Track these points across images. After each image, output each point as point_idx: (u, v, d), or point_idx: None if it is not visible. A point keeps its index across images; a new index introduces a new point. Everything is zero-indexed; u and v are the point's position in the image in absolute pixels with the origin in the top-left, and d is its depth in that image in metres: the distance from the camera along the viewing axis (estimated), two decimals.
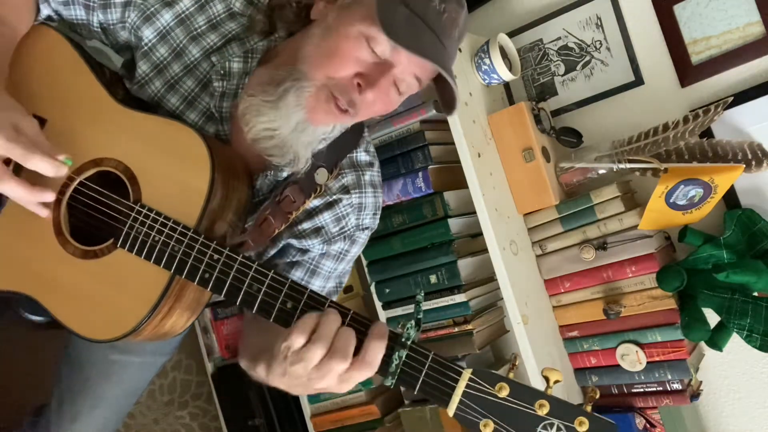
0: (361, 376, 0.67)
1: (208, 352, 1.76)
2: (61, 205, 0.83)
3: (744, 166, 1.13)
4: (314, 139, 0.86)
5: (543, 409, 0.60)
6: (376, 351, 0.66)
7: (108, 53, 1.04)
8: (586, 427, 0.59)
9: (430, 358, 0.66)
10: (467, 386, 0.63)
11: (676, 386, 1.19)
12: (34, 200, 0.77)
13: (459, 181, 1.21)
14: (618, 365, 1.22)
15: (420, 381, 0.65)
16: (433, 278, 1.28)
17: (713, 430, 1.35)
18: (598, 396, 0.64)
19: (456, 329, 1.28)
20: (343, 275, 1.03)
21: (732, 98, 1.16)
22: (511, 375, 0.64)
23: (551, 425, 0.60)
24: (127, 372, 1.14)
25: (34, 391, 1.26)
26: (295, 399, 1.57)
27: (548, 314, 1.28)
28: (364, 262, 1.39)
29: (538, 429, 0.60)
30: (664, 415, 1.23)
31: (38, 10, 0.91)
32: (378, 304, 1.38)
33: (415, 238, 1.30)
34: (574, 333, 1.27)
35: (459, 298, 1.26)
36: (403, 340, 0.67)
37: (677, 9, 1.27)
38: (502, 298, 1.17)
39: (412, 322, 0.67)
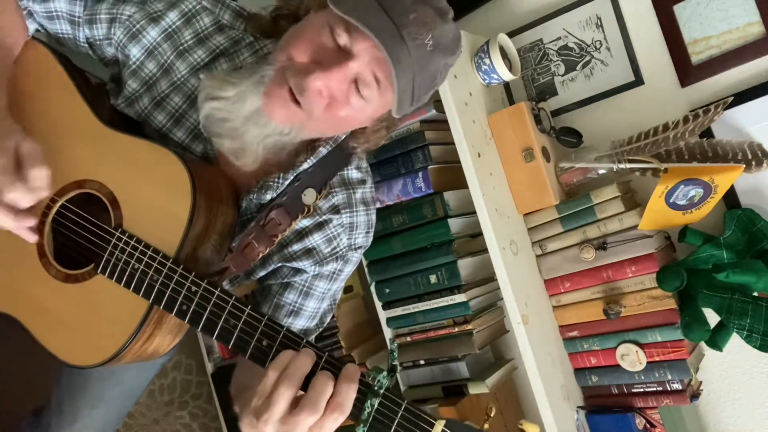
0: (333, 423, 0.64)
1: (208, 352, 1.76)
2: (45, 226, 0.81)
3: (744, 166, 1.13)
4: (267, 134, 0.82)
5: None
6: (348, 393, 0.64)
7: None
8: None
9: (402, 407, 0.65)
10: None
11: (676, 386, 1.19)
12: (19, 226, 0.76)
13: (459, 181, 1.21)
14: (618, 365, 1.22)
15: (392, 430, 0.65)
16: (433, 278, 1.28)
17: (713, 430, 1.35)
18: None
19: (456, 329, 1.28)
20: (337, 293, 1.02)
21: (732, 98, 1.16)
22: (486, 426, 0.64)
23: None
24: (126, 373, 1.14)
25: (34, 393, 1.26)
26: None
27: (548, 314, 1.28)
28: (364, 262, 1.39)
29: None
30: (664, 415, 1.23)
31: (27, 29, 0.89)
32: (378, 304, 1.38)
33: (415, 238, 1.31)
34: (574, 333, 1.27)
35: (459, 298, 1.26)
36: (376, 388, 0.66)
37: (677, 9, 1.27)
38: (502, 298, 1.17)
39: (384, 372, 0.66)
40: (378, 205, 1.35)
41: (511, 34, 1.42)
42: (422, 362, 1.35)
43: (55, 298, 0.80)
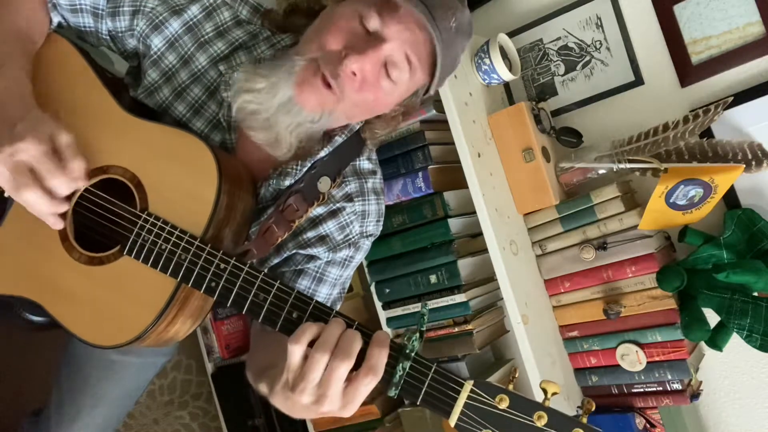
0: (366, 386, 0.66)
1: (208, 352, 1.76)
2: (67, 211, 0.82)
3: (744, 166, 1.13)
4: (299, 123, 0.85)
5: (541, 421, 0.62)
6: (380, 356, 0.66)
7: (112, 59, 1.05)
8: None
9: (432, 369, 0.66)
10: (468, 398, 0.64)
11: (676, 386, 1.19)
12: (53, 211, 0.77)
13: (459, 181, 1.21)
14: (618, 365, 1.22)
15: (423, 392, 0.66)
16: (433, 278, 1.28)
17: (713, 430, 1.35)
18: (593, 408, 0.65)
19: (456, 329, 1.28)
20: (346, 281, 1.04)
21: (732, 98, 1.16)
22: (510, 387, 0.65)
23: None
24: (128, 372, 1.14)
25: (34, 392, 1.27)
26: None
27: (548, 314, 1.28)
28: (364, 262, 1.39)
29: None
30: (664, 415, 1.23)
31: (51, 20, 0.91)
32: (378, 304, 1.38)
33: (415, 238, 1.30)
34: (574, 333, 1.27)
35: (459, 298, 1.26)
36: (408, 351, 0.67)
37: (677, 9, 1.27)
38: (502, 298, 1.17)
39: (417, 334, 0.68)
40: None
41: (511, 34, 1.42)
42: None
43: (79, 280, 0.81)
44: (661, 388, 1.21)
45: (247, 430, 1.68)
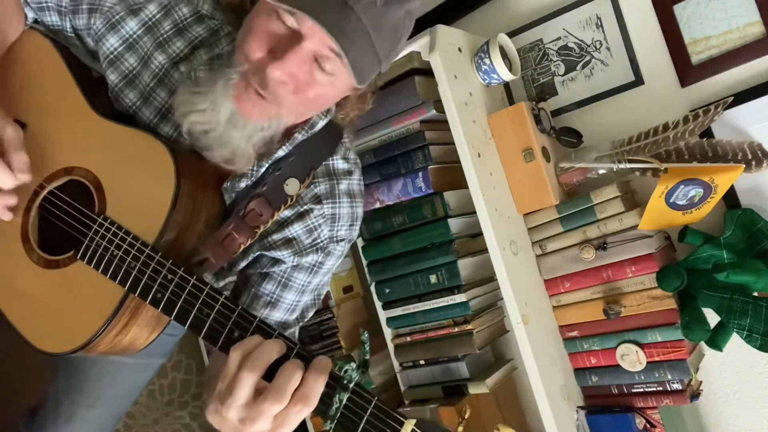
0: (297, 415, 0.62)
1: (208, 352, 1.76)
2: (31, 211, 0.81)
3: (744, 166, 1.12)
4: (250, 134, 0.81)
5: None
6: (315, 384, 0.62)
7: None
8: None
9: (372, 404, 0.63)
10: None
11: (676, 386, 1.19)
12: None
13: (459, 181, 1.21)
14: (618, 365, 1.22)
15: (360, 428, 0.63)
16: (433, 278, 1.28)
17: (713, 430, 1.35)
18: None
19: (456, 329, 1.28)
20: (321, 287, 0.99)
21: (732, 98, 1.16)
22: (459, 429, 0.63)
23: None
24: (124, 372, 1.13)
25: (30, 391, 1.26)
26: None
27: (548, 314, 1.28)
28: (364, 262, 1.39)
29: None
30: (664, 415, 1.23)
31: (26, 16, 0.90)
32: (378, 304, 1.38)
33: (415, 238, 1.31)
34: (574, 333, 1.27)
35: (459, 298, 1.26)
36: (345, 382, 0.64)
37: (677, 9, 1.27)
38: (502, 298, 1.17)
39: (353, 364, 0.64)
40: (378, 205, 1.35)
41: (511, 34, 1.42)
42: (422, 362, 1.35)
43: (35, 283, 0.79)
44: (661, 388, 1.21)
45: None
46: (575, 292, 1.27)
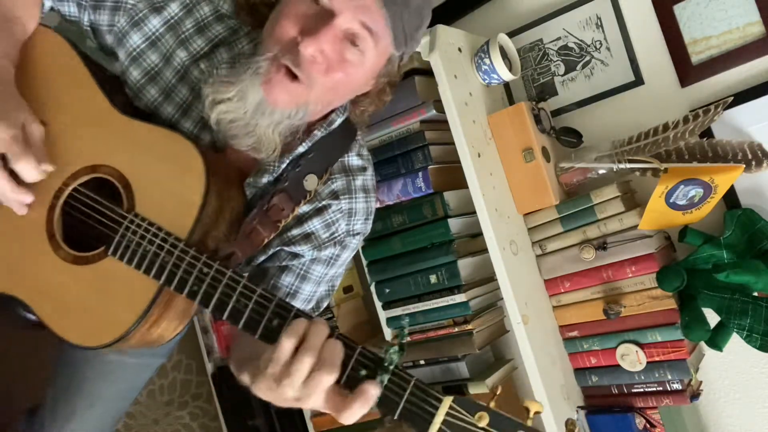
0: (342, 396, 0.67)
1: (208, 352, 1.76)
2: (55, 209, 0.82)
3: (744, 166, 1.13)
4: (277, 122, 0.84)
5: None
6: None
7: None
8: None
9: (411, 383, 0.66)
10: (448, 414, 0.63)
11: (676, 386, 1.19)
12: (17, 198, 0.78)
13: (459, 181, 1.21)
14: (618, 365, 1.22)
15: (401, 406, 0.65)
16: (433, 278, 1.28)
17: (713, 430, 1.35)
18: (576, 430, 0.65)
19: (456, 329, 1.28)
20: (335, 278, 1.02)
21: (732, 98, 1.16)
22: (492, 404, 0.64)
23: None
24: (124, 372, 1.13)
25: (29, 391, 1.26)
26: None
27: (548, 314, 1.28)
28: (364, 262, 1.39)
29: None
30: (664, 415, 1.23)
31: (43, 4, 0.91)
32: (378, 304, 1.38)
33: (415, 238, 1.30)
34: (574, 333, 1.27)
35: (459, 298, 1.26)
36: (386, 364, 0.67)
37: (677, 9, 1.27)
38: (502, 298, 1.17)
39: (396, 347, 0.67)
40: (378, 205, 1.35)
41: (511, 34, 1.42)
42: (422, 362, 1.35)
43: (64, 279, 0.80)
44: (661, 388, 1.21)
45: (247, 430, 1.68)
46: (575, 292, 1.27)
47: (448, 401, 0.64)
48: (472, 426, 0.62)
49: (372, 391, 0.65)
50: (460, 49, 1.26)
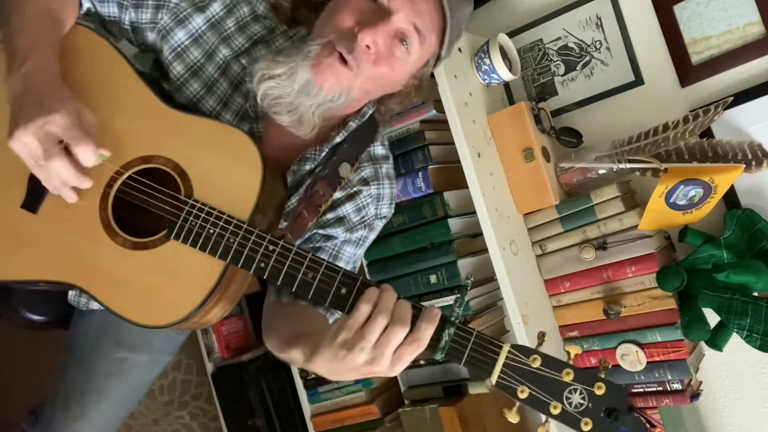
0: (411, 354, 0.71)
1: (208, 352, 1.76)
2: (109, 198, 0.86)
3: (744, 166, 1.13)
4: (320, 103, 0.89)
5: (568, 377, 0.69)
6: (427, 330, 0.71)
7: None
8: (603, 390, 0.68)
9: (474, 334, 0.73)
10: (507, 358, 0.71)
11: (676, 386, 1.19)
12: (76, 183, 0.81)
13: (459, 181, 1.21)
14: (618, 365, 1.22)
15: (466, 355, 0.72)
16: (433, 278, 1.28)
17: (713, 430, 1.35)
18: (610, 366, 0.73)
19: None
20: (359, 259, 1.09)
21: (732, 98, 1.16)
22: (540, 349, 0.72)
23: (575, 390, 0.69)
24: (134, 369, 1.14)
25: (34, 391, 1.26)
26: (295, 398, 1.57)
27: (548, 314, 1.28)
28: (364, 262, 1.39)
29: (565, 393, 0.69)
30: (664, 415, 1.23)
31: (80, 4, 0.94)
32: None
33: (415, 238, 1.30)
34: (574, 333, 1.27)
35: None
36: (453, 318, 0.73)
37: (677, 9, 1.27)
38: (502, 298, 1.17)
39: (462, 301, 0.75)
40: None
41: (511, 34, 1.42)
42: (422, 362, 1.35)
43: (125, 265, 0.84)
44: (661, 388, 1.21)
45: (247, 430, 1.68)
46: (575, 292, 1.27)
47: (506, 347, 0.71)
48: (527, 367, 0.70)
49: (435, 310, 0.72)
50: (460, 49, 1.26)
